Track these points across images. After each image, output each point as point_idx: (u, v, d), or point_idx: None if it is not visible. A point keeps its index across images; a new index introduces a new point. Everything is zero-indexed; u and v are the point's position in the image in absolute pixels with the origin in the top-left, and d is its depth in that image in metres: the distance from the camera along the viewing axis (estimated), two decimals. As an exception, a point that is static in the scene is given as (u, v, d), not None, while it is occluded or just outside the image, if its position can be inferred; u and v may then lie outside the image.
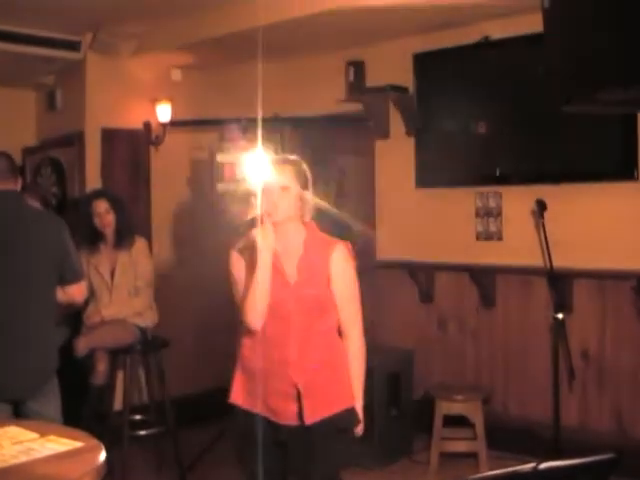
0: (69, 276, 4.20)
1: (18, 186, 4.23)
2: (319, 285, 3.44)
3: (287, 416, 3.44)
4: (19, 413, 3.99)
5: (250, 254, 3.40)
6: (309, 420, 3.39)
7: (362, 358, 3.53)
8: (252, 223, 3.40)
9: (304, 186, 3.48)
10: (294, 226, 3.48)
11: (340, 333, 3.55)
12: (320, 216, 3.60)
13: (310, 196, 3.50)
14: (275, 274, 3.39)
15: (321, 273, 3.44)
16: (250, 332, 3.45)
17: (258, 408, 3.47)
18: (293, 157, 3.61)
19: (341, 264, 3.47)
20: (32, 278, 4.04)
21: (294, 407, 3.41)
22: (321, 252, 3.46)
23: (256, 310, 3.37)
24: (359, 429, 3.54)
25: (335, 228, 6.50)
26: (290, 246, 3.47)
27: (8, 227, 4.05)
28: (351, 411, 3.50)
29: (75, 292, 4.27)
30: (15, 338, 3.97)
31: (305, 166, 3.55)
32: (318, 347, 3.45)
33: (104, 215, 5.62)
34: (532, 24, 5.15)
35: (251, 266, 3.38)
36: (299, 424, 3.42)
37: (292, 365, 3.40)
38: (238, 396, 3.55)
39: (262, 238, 3.32)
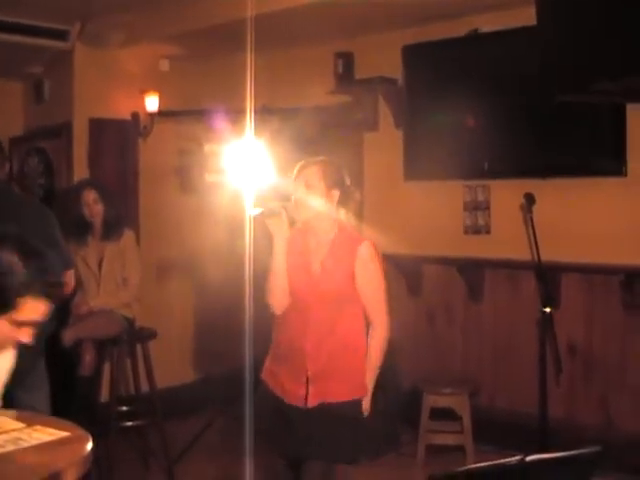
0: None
1: (4, 173, 4.20)
2: (341, 281, 3.61)
3: (296, 398, 3.63)
4: (7, 405, 3.98)
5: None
6: (312, 402, 3.59)
7: (379, 351, 3.67)
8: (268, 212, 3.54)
9: (333, 185, 3.63)
10: (325, 224, 3.67)
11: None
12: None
13: (340, 196, 3.65)
14: (301, 268, 3.64)
15: (345, 269, 3.61)
16: (279, 317, 3.69)
17: (277, 389, 3.71)
18: (321, 158, 3.74)
19: (365, 261, 3.63)
20: None
21: (303, 391, 3.62)
22: (347, 249, 3.63)
23: (274, 296, 3.64)
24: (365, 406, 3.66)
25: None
26: (320, 243, 3.67)
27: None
28: (357, 403, 3.64)
29: (69, 279, 4.27)
30: None
31: (335, 166, 3.71)
32: (335, 340, 3.62)
33: (93, 205, 5.59)
34: (522, 17, 5.18)
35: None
36: (304, 406, 3.61)
37: (307, 355, 3.61)
38: (266, 374, 3.79)
39: (276, 227, 3.53)
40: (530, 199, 5.56)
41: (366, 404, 3.66)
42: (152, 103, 6.79)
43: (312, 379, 3.60)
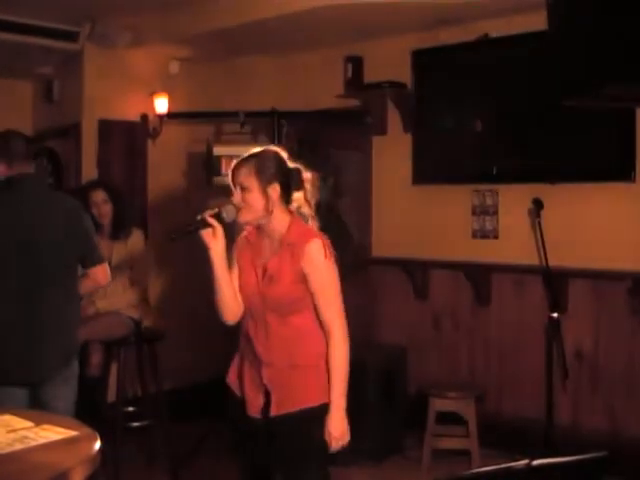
0: (93, 258, 4.23)
1: (33, 169, 4.22)
2: (287, 283, 3.35)
3: (254, 408, 3.46)
4: (37, 397, 4.02)
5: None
6: (273, 412, 3.38)
7: (344, 362, 3.34)
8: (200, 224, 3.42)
9: (270, 180, 3.34)
10: (275, 222, 3.40)
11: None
12: (317, 212, 3.57)
13: (274, 190, 3.35)
14: (250, 273, 3.44)
15: (292, 271, 3.34)
16: (240, 324, 3.51)
17: (240, 394, 3.54)
18: (255, 150, 3.44)
19: (314, 261, 3.32)
20: (53, 263, 4.05)
21: (261, 401, 3.43)
22: (294, 249, 3.34)
23: (220, 308, 3.48)
24: (332, 434, 3.33)
25: (330, 225, 6.50)
26: (272, 243, 3.44)
27: (27, 213, 4.05)
28: (320, 409, 3.35)
29: (99, 274, 4.29)
30: (36, 321, 3.99)
31: (269, 158, 3.41)
32: (285, 347, 3.37)
33: (101, 205, 5.60)
34: (532, 22, 5.19)
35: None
36: (262, 417, 3.43)
37: (262, 362, 3.40)
38: (230, 378, 3.62)
39: (209, 239, 3.40)
40: (538, 204, 5.57)
41: (338, 413, 3.33)
42: (161, 105, 6.80)
43: (272, 389, 3.37)
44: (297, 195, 3.46)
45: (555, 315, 5.41)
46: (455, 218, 6.36)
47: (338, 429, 3.32)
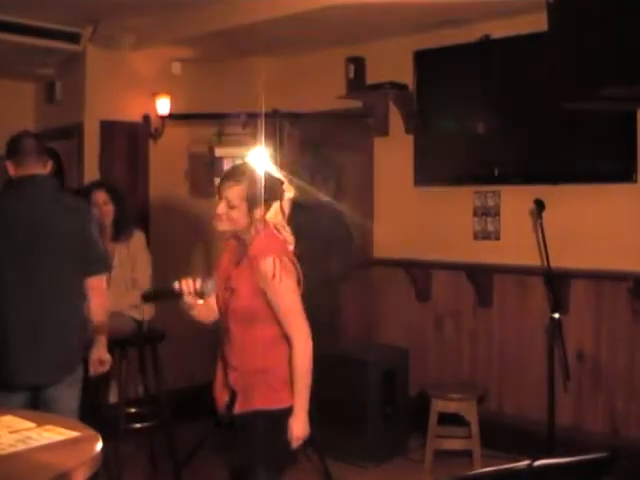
0: (91, 268, 4.20)
1: (47, 169, 4.19)
2: (247, 296, 3.48)
3: (220, 405, 3.67)
4: (39, 401, 4.02)
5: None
6: (236, 410, 3.55)
7: (303, 366, 3.48)
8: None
9: (255, 204, 3.46)
10: (247, 236, 3.53)
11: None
12: (319, 213, 3.61)
13: (259, 211, 3.48)
14: (221, 282, 3.58)
15: (251, 284, 3.47)
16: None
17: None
18: (246, 167, 3.59)
19: (267, 278, 3.42)
20: (57, 268, 4.04)
21: (225, 397, 3.63)
22: (252, 264, 3.48)
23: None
24: (294, 434, 3.49)
25: (331, 226, 6.52)
26: (243, 254, 3.57)
27: (32, 213, 4.04)
28: (277, 413, 3.50)
29: (94, 284, 4.21)
30: (39, 327, 4.00)
31: (257, 185, 3.50)
32: (247, 354, 3.53)
33: (103, 206, 5.59)
34: (533, 24, 5.19)
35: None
36: (227, 414, 3.61)
37: (231, 368, 3.57)
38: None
39: (195, 303, 3.54)
40: (540, 205, 5.57)
41: (299, 418, 3.49)
42: (163, 106, 6.81)
43: (237, 390, 3.55)
44: (275, 205, 3.58)
45: (557, 316, 5.41)
46: (457, 219, 6.36)
47: (300, 429, 3.50)
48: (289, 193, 3.60)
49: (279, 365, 3.52)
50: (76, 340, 4.17)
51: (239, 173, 3.51)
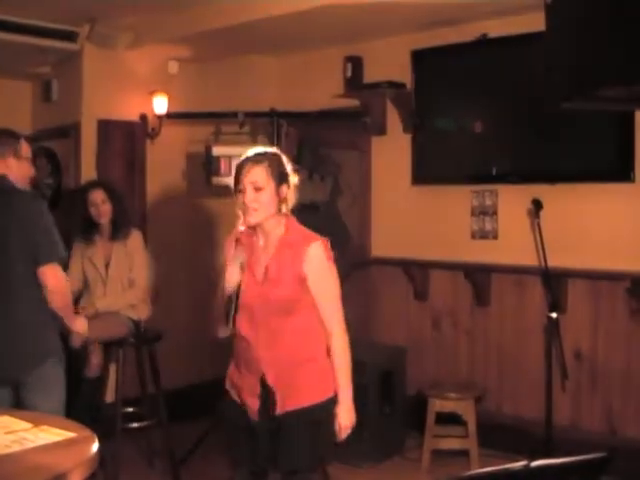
0: (39, 257, 3.98)
1: (7, 168, 4.13)
2: (288, 285, 3.41)
3: (252, 412, 3.49)
4: (18, 398, 3.99)
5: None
6: (278, 411, 3.43)
7: (346, 355, 3.48)
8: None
9: (281, 181, 3.42)
10: (274, 222, 3.44)
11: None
12: (314, 212, 3.59)
13: (288, 191, 3.45)
14: (248, 273, 3.43)
15: (292, 272, 3.40)
16: (237, 329, 3.49)
17: (238, 400, 3.58)
18: (269, 151, 3.51)
19: (316, 263, 3.40)
20: (22, 264, 3.98)
21: (257, 404, 3.47)
22: (295, 250, 3.40)
23: (217, 323, 3.46)
24: (342, 424, 3.47)
25: (328, 225, 6.52)
26: (269, 242, 3.47)
27: None
28: (324, 405, 3.45)
29: (47, 275, 4.00)
30: (8, 322, 3.97)
31: (283, 158, 3.49)
32: (289, 345, 3.44)
33: (100, 205, 5.58)
34: (531, 22, 5.18)
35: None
36: (265, 419, 3.46)
37: (262, 362, 3.44)
38: (229, 384, 3.65)
39: (228, 250, 3.41)
40: (538, 205, 5.58)
41: (346, 407, 3.46)
42: (160, 105, 6.80)
43: (275, 387, 3.44)
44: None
45: (554, 315, 5.42)
46: (454, 218, 6.36)
47: (347, 419, 3.47)
48: (294, 179, 3.51)
49: (320, 353, 3.48)
50: (47, 337, 4.09)
51: (256, 155, 3.43)
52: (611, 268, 5.52)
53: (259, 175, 3.36)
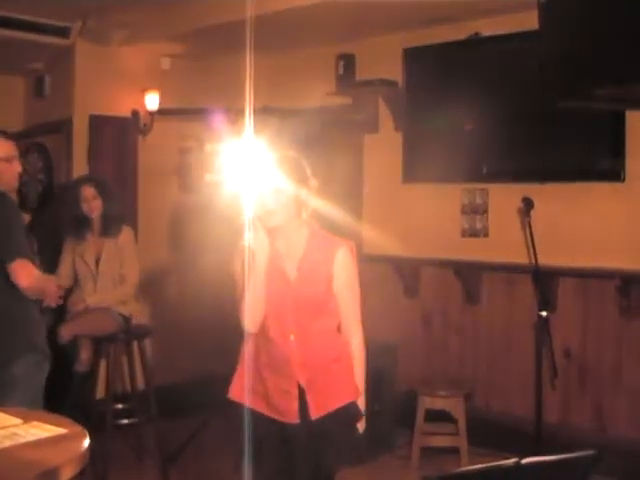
0: (6, 255, 3.86)
1: None
2: (319, 284, 3.43)
3: (290, 415, 3.41)
4: None
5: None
6: (314, 415, 3.40)
7: (363, 356, 3.56)
8: (245, 226, 3.33)
9: (301, 184, 3.41)
10: (295, 225, 3.44)
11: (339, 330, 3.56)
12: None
13: (308, 193, 3.44)
14: (275, 274, 3.39)
15: (323, 272, 3.43)
16: (262, 330, 3.44)
17: (262, 407, 3.46)
18: (288, 153, 3.53)
19: (345, 265, 3.48)
20: None
21: (296, 405, 3.41)
22: (325, 251, 3.44)
23: (252, 315, 3.37)
24: (361, 424, 3.52)
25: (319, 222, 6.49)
26: (292, 245, 3.45)
27: None
28: (353, 405, 3.49)
29: (18, 272, 3.85)
30: None
31: (303, 161, 3.51)
32: (319, 345, 3.45)
33: (91, 201, 5.58)
34: (523, 21, 5.20)
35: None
36: (301, 421, 3.40)
37: (294, 363, 3.40)
38: (239, 394, 3.51)
39: (256, 242, 3.31)
40: (528, 203, 5.57)
41: (362, 408, 3.52)
42: (152, 101, 6.80)
43: (307, 390, 3.40)
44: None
45: (544, 313, 5.41)
46: (445, 217, 6.37)
47: (363, 411, 3.54)
48: (314, 182, 3.51)
49: (345, 353, 3.53)
50: (22, 335, 3.99)
51: (275, 158, 3.44)
52: (601, 266, 5.54)
53: (278, 177, 3.36)
